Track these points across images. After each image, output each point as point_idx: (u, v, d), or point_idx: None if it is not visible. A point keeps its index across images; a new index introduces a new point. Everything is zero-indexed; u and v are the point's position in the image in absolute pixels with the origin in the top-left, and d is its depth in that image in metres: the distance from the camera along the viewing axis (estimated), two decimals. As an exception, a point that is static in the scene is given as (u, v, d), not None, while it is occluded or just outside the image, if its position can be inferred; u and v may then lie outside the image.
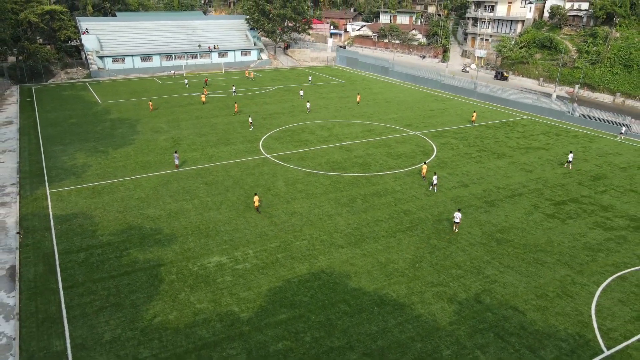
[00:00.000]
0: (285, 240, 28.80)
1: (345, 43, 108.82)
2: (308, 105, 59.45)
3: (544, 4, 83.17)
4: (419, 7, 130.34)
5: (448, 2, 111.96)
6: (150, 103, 59.53)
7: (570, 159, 41.18)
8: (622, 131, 50.67)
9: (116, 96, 67.25)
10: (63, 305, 22.68)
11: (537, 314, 22.47)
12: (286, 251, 27.60)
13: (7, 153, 43.92)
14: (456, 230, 30.01)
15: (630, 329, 21.70)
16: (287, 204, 33.44)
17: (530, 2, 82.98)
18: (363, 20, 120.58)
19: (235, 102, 59.62)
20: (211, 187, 36.43)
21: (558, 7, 78.54)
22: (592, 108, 61.62)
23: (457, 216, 29.59)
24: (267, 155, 43.28)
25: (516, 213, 32.76)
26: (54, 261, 26.35)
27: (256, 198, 31.90)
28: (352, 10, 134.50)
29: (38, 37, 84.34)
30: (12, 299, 23.38)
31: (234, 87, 69.85)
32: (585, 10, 77.92)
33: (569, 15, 78.15)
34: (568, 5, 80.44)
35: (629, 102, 63.73)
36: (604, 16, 72.31)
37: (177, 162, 39.52)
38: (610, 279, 25.33)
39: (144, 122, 53.64)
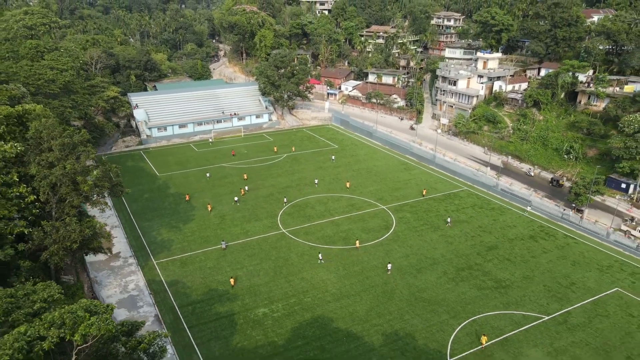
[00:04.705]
0: (299, 297, 52.37)
1: (339, 101, 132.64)
2: (316, 181, 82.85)
3: (493, 84, 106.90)
4: (403, 61, 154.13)
5: (422, 70, 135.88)
6: (209, 205, 73.05)
7: (449, 220, 67.38)
8: (529, 208, 73.82)
9: (168, 167, 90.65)
10: (191, 337, 46.33)
11: (425, 340, 46.05)
12: (299, 305, 51.15)
13: (115, 229, 67.52)
14: (389, 273, 55.45)
15: (464, 349, 45.19)
16: (299, 272, 57.00)
17: (482, 83, 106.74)
18: (355, 77, 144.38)
19: (242, 188, 79.25)
20: (252, 258, 59.99)
21: (500, 92, 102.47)
22: (514, 179, 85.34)
23: (389, 267, 55.42)
24: (284, 230, 66.84)
25: (432, 277, 56.26)
26: (176, 312, 49.98)
27: (232, 280, 54.39)
28: (346, 63, 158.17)
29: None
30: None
31: (246, 188, 79.92)
32: (521, 93, 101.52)
33: (508, 97, 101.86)
34: (510, 87, 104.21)
35: (543, 174, 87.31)
36: (532, 102, 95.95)
37: (224, 246, 62.49)
38: (466, 321, 48.86)
39: (196, 198, 76.89)
